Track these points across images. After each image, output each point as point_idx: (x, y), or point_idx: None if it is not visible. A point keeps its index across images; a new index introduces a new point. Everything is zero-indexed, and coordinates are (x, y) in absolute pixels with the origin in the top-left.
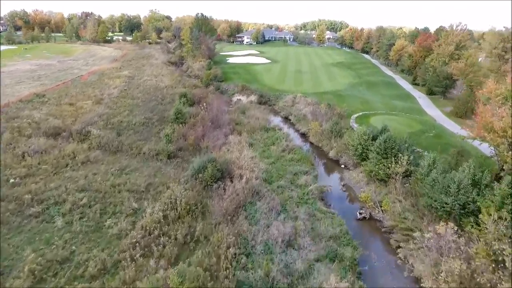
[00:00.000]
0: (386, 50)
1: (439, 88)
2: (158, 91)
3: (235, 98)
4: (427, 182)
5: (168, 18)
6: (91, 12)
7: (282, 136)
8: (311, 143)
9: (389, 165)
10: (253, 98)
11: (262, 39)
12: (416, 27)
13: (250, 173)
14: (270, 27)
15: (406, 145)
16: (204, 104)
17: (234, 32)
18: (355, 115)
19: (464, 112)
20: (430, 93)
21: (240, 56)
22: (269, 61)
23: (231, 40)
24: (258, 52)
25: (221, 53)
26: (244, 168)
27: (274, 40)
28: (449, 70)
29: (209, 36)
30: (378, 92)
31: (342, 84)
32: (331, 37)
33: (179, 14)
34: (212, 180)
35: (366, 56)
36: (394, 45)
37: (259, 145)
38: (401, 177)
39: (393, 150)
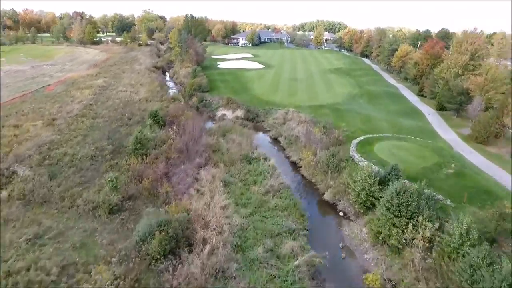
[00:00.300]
0: (388, 56)
1: (453, 104)
2: (129, 106)
3: (219, 113)
4: (462, 268)
5: (162, 18)
6: (83, 12)
7: (267, 170)
8: (303, 177)
9: (404, 227)
10: (239, 113)
11: (257, 41)
12: (417, 29)
13: (218, 236)
14: (267, 27)
15: (426, 191)
16: (175, 127)
17: (229, 33)
18: (356, 141)
19: (485, 137)
20: (441, 108)
21: (232, 60)
22: (262, 66)
23: (226, 42)
24: (252, 56)
25: (212, 56)
26: (211, 226)
27: (271, 41)
28: (465, 84)
29: (198, 39)
30: (382, 106)
31: (340, 95)
32: (330, 38)
33: (176, 13)
34: (161, 255)
35: (366, 60)
36: (397, 50)
37: (237, 185)
38: (421, 251)
39: (409, 208)
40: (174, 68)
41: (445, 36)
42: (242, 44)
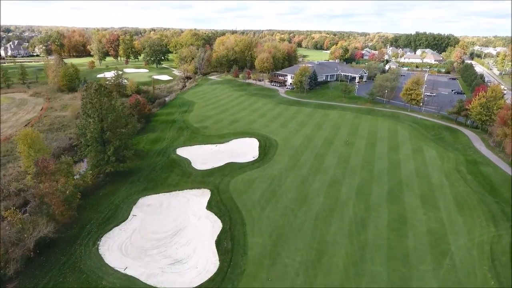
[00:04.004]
0: None
1: None
2: None
3: None
4: None
5: (210, 40)
6: (124, 32)
7: None
8: None
9: None
10: None
11: (310, 83)
12: None
13: None
14: (345, 49)
15: None
16: None
17: (280, 65)
18: None
19: None
20: None
21: (181, 193)
22: None
23: (270, 79)
24: (257, 154)
25: (177, 150)
26: None
27: (335, 80)
28: None
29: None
30: None
31: None
32: (434, 61)
33: (245, 26)
34: None
35: None
36: None
37: None
38: None
39: None
40: None
41: None
42: (288, 85)
